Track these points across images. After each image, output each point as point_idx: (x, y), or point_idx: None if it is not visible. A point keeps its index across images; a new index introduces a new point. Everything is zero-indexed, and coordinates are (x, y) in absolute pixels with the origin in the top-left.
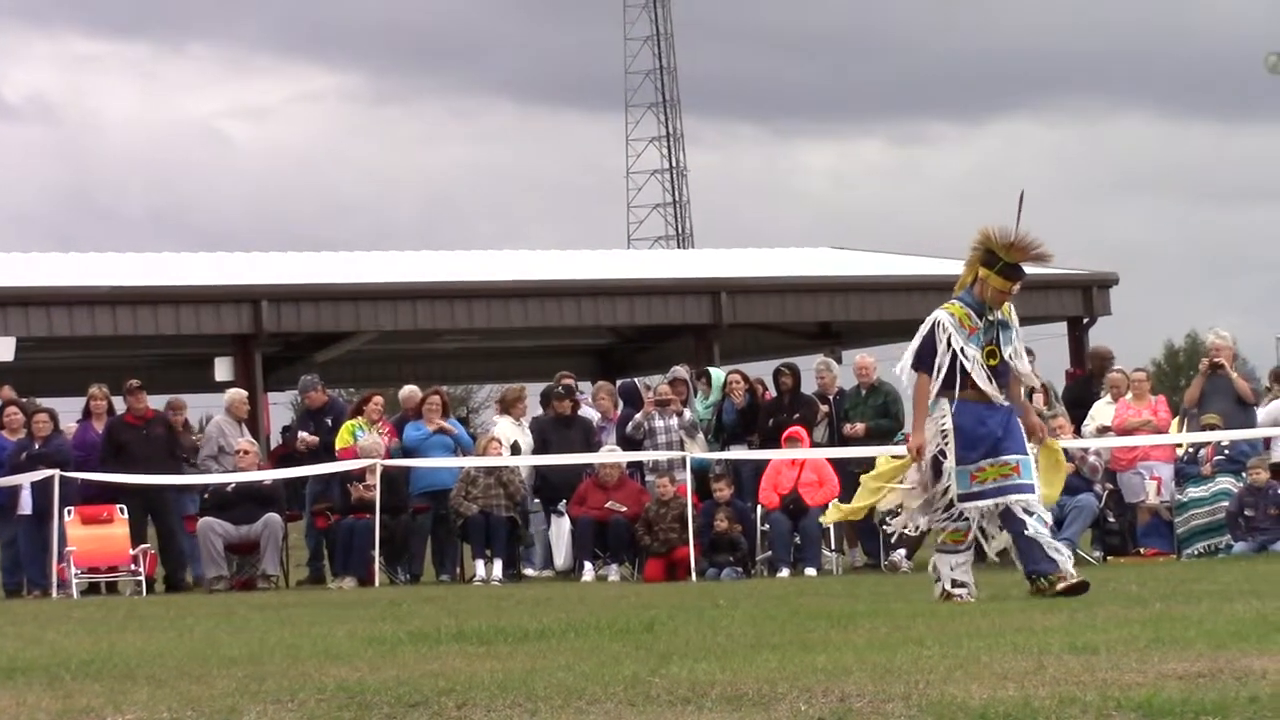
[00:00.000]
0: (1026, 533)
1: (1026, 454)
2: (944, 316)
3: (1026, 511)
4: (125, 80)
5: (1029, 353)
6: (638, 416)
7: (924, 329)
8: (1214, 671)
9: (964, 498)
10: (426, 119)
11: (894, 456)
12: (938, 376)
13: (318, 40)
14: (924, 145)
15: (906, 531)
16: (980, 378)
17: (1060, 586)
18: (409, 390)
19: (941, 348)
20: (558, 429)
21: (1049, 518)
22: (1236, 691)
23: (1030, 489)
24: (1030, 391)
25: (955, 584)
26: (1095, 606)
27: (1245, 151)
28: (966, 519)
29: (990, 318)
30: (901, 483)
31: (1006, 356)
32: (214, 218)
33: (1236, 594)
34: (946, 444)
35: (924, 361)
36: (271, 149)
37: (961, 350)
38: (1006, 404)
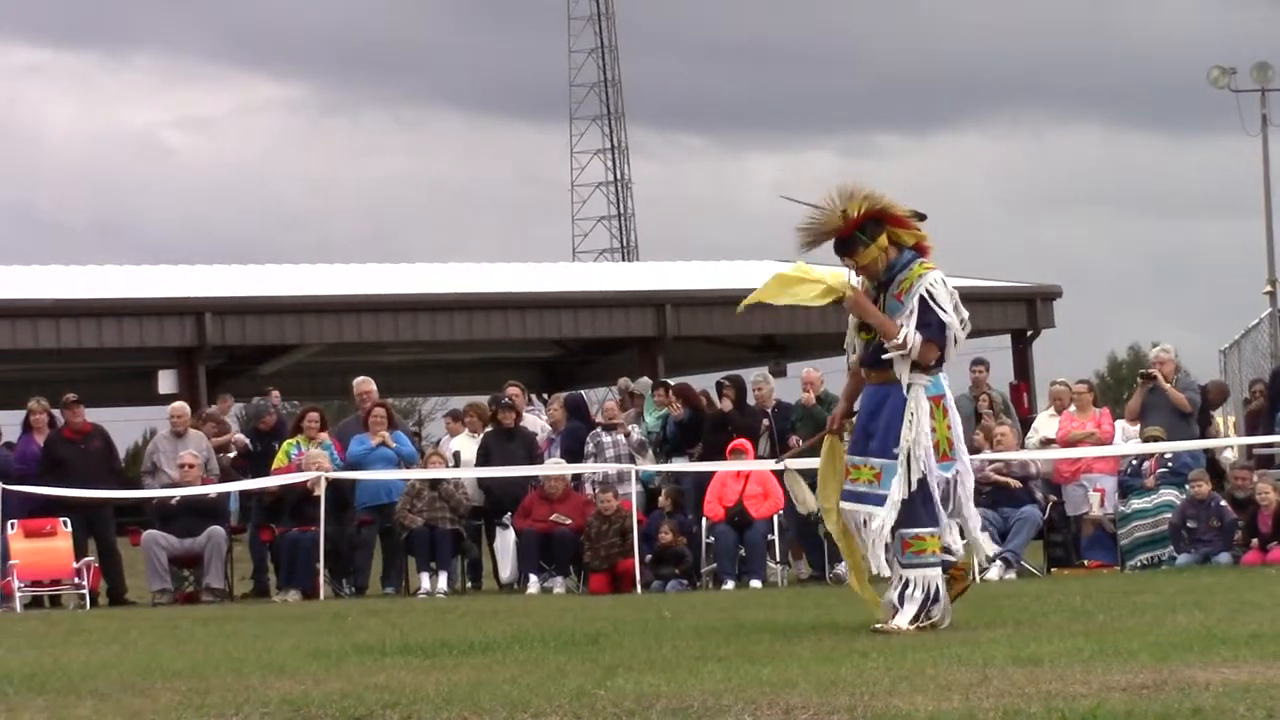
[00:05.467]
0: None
1: (893, 459)
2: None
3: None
4: (67, 90)
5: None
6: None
7: None
8: (1158, 683)
9: (844, 495)
10: (371, 130)
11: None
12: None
13: (262, 50)
14: (872, 158)
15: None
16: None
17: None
18: (362, 380)
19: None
20: (500, 442)
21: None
22: (1180, 703)
23: (879, 501)
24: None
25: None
26: (1039, 618)
27: (1191, 165)
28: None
29: (866, 285)
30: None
31: None
32: (157, 230)
33: (1180, 606)
34: None
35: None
36: (215, 160)
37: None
38: (894, 386)
